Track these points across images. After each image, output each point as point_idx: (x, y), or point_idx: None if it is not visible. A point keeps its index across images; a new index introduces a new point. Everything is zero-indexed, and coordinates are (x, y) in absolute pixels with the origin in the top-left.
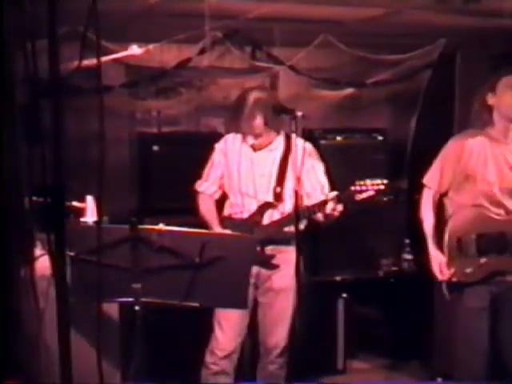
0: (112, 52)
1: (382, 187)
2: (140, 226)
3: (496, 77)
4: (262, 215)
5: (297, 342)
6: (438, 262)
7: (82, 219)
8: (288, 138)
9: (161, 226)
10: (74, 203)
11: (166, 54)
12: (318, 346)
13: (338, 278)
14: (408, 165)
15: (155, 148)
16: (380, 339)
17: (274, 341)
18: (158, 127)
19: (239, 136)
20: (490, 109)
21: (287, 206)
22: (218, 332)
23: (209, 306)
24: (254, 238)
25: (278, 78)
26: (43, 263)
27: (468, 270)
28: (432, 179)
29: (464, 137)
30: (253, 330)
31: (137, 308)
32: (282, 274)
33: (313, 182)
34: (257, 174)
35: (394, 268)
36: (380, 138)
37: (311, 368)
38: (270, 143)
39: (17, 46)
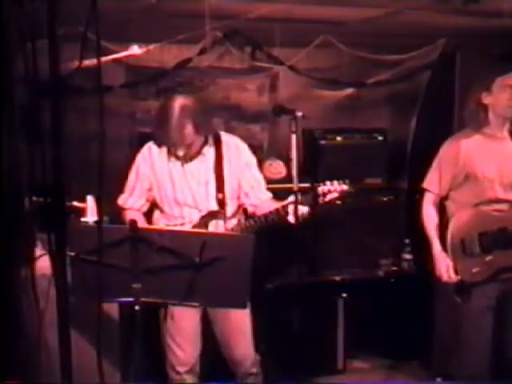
0: (112, 52)
1: (346, 187)
2: (140, 226)
3: (491, 76)
4: (206, 225)
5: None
6: (445, 265)
7: (83, 219)
8: (217, 139)
9: (161, 226)
10: (74, 203)
11: (166, 54)
12: (318, 346)
13: (337, 278)
14: (408, 165)
15: None
16: (380, 339)
17: (240, 353)
18: None
19: (164, 148)
20: (485, 108)
21: (229, 211)
22: (176, 350)
23: (209, 306)
24: (253, 237)
25: (277, 78)
26: (43, 263)
27: (475, 270)
28: (431, 183)
29: (459, 137)
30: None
31: (137, 308)
32: None
33: (250, 180)
34: (192, 182)
35: (394, 268)
36: (380, 138)
37: (311, 368)
38: (200, 151)
39: (17, 45)
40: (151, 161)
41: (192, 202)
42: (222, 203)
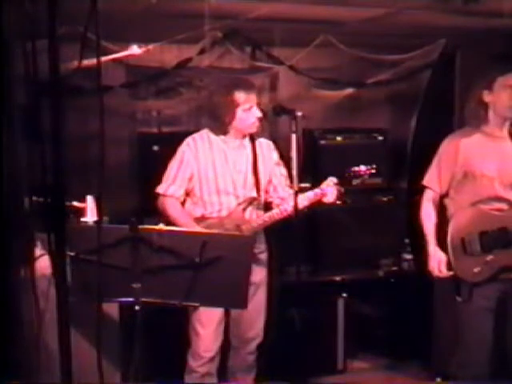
0: (112, 52)
1: (374, 171)
2: (140, 226)
3: (492, 75)
4: (244, 210)
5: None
6: (437, 260)
7: (82, 219)
8: (251, 137)
9: (161, 226)
10: (74, 203)
11: (166, 54)
12: (318, 346)
13: (337, 278)
14: (408, 165)
15: (155, 148)
16: (380, 339)
17: (255, 332)
18: (158, 127)
19: (206, 135)
20: (486, 106)
21: (262, 199)
22: (201, 332)
23: (209, 306)
24: (253, 237)
25: (277, 78)
26: (43, 263)
27: (476, 270)
28: (431, 180)
29: (459, 135)
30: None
31: (137, 308)
32: (259, 268)
33: (278, 175)
34: (234, 170)
35: (394, 268)
36: (380, 138)
37: (311, 368)
38: (242, 143)
39: (17, 46)
40: (195, 150)
41: (232, 188)
42: (258, 191)
